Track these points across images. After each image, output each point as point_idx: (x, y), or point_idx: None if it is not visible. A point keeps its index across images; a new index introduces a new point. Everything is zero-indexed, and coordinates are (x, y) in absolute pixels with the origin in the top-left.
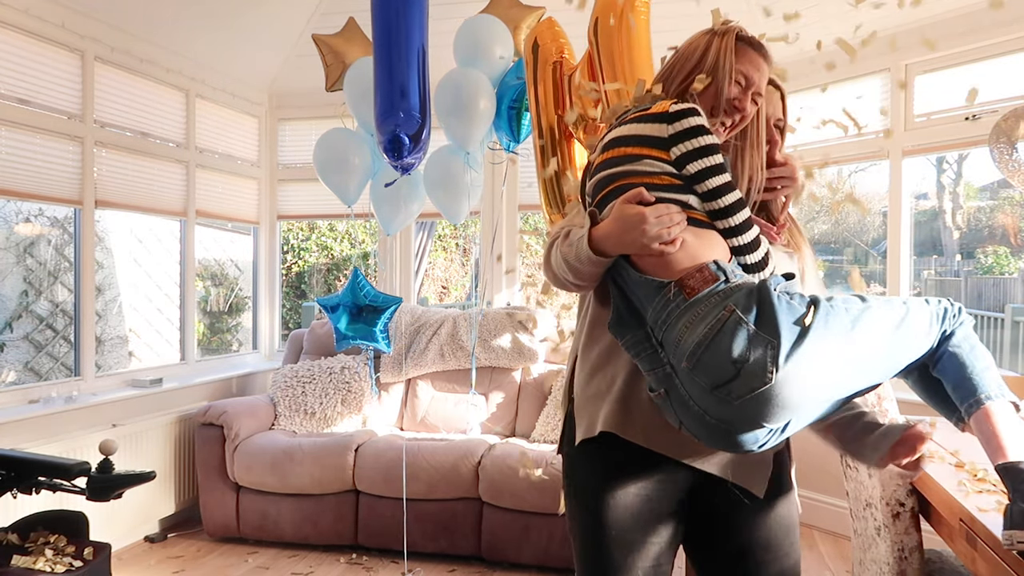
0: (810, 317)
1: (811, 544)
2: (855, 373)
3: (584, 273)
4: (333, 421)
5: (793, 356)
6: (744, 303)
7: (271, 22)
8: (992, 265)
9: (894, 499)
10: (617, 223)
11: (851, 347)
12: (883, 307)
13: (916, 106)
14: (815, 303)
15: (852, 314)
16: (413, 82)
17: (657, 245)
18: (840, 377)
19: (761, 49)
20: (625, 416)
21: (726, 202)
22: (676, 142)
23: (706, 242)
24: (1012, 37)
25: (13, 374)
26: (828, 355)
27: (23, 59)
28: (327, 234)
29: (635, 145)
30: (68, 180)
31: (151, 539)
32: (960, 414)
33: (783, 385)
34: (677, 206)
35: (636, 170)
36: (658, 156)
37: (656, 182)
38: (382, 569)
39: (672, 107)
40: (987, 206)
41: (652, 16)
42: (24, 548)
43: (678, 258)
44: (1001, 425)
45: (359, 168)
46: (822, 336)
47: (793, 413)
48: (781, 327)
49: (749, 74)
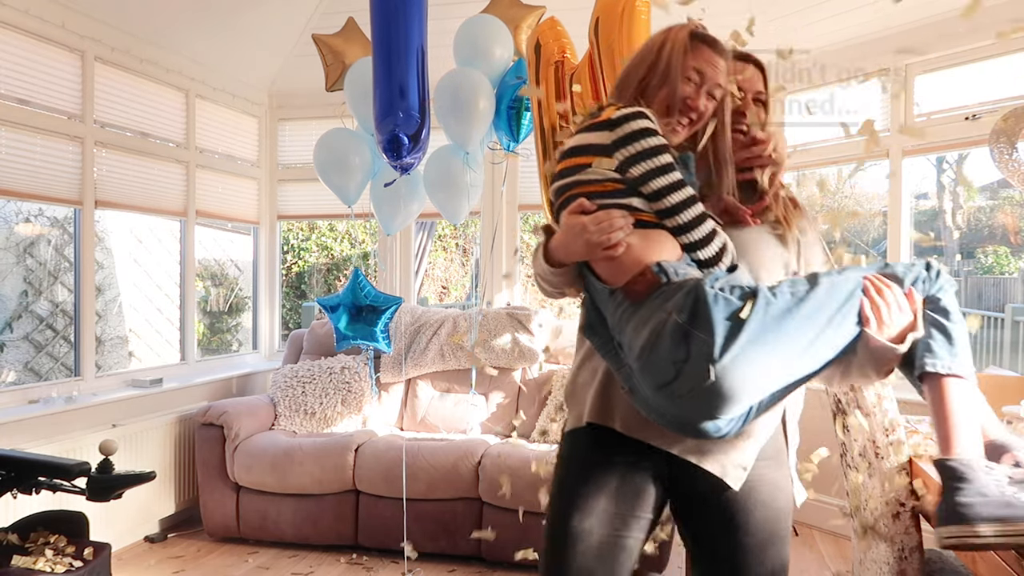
0: (746, 311)
1: (811, 544)
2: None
3: (554, 283)
4: (333, 421)
5: (729, 351)
6: (681, 303)
7: (271, 22)
8: (992, 265)
9: (894, 499)
10: (564, 234)
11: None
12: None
13: (916, 106)
14: (754, 295)
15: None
16: (412, 82)
17: (601, 251)
18: (783, 365)
19: (715, 45)
20: (604, 405)
21: (672, 201)
22: (618, 147)
23: (653, 243)
24: (1012, 37)
25: (13, 374)
26: (767, 346)
27: (23, 59)
28: (327, 234)
29: (582, 155)
30: (68, 180)
31: (151, 539)
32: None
33: (723, 379)
34: (621, 210)
35: (582, 179)
36: (591, 162)
37: (600, 189)
38: (382, 569)
39: (615, 113)
40: (987, 206)
41: (652, 16)
42: (24, 548)
43: (624, 262)
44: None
45: (359, 168)
46: (760, 328)
47: (740, 404)
48: (715, 324)
49: (703, 70)
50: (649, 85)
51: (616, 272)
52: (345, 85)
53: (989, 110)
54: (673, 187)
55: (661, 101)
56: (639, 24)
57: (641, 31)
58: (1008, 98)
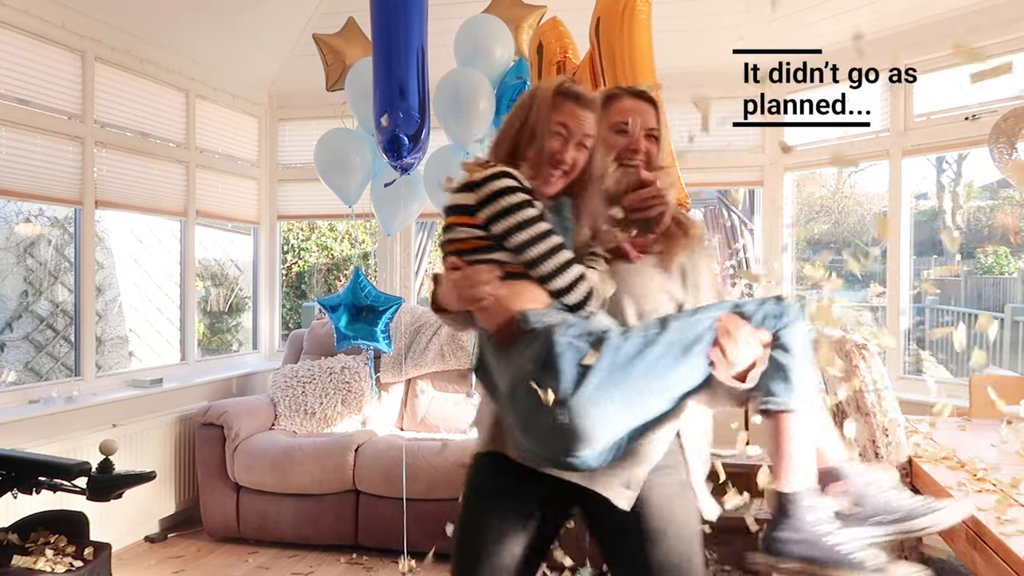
0: (591, 358)
1: None
2: (653, 397)
3: (450, 325)
4: (333, 421)
5: (576, 395)
6: (536, 352)
7: (271, 22)
8: (992, 265)
9: None
10: (442, 287)
11: (641, 378)
12: (679, 332)
13: (916, 106)
14: (601, 342)
15: (643, 344)
16: (412, 82)
17: (471, 304)
18: (636, 404)
19: (579, 99)
20: (499, 434)
21: (533, 253)
22: (482, 207)
23: (519, 293)
24: (1012, 37)
25: (13, 374)
26: (617, 389)
27: (23, 59)
28: (327, 234)
29: (453, 215)
30: (68, 180)
31: (151, 539)
32: (756, 411)
33: (574, 421)
34: (488, 266)
35: (452, 238)
36: (469, 223)
37: (467, 247)
38: (382, 569)
39: (479, 175)
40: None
41: (653, 16)
42: (24, 548)
43: (492, 312)
44: (787, 444)
45: (360, 168)
46: (608, 373)
47: (596, 442)
48: (562, 372)
49: (567, 124)
50: (520, 142)
51: (488, 320)
52: (346, 85)
53: (989, 110)
54: (534, 240)
55: (532, 156)
56: (639, 24)
57: (642, 31)
58: (1008, 98)
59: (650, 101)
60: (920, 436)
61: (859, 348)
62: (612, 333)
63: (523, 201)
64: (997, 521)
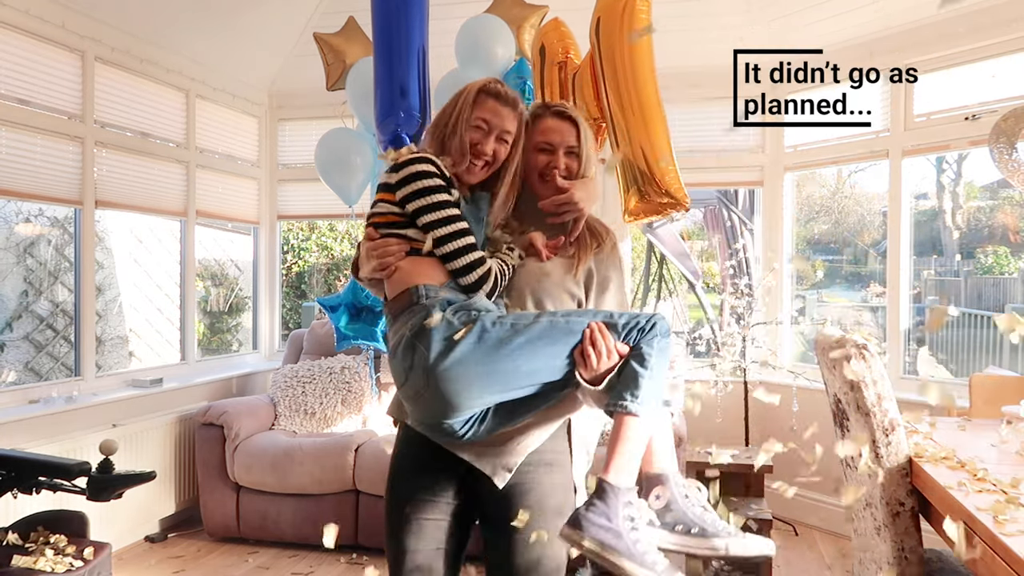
0: (461, 334)
1: (811, 544)
2: (513, 379)
3: (368, 289)
4: (333, 421)
5: (442, 364)
6: (415, 321)
7: (271, 22)
8: (992, 265)
9: (894, 499)
10: (362, 254)
11: (504, 360)
12: (549, 328)
13: (916, 106)
14: (474, 322)
15: (512, 332)
16: (413, 82)
17: (378, 272)
18: (497, 383)
19: (501, 97)
20: (400, 403)
21: (437, 233)
22: (400, 187)
23: (420, 268)
24: (1012, 37)
25: (13, 374)
26: (479, 365)
27: (23, 59)
28: (327, 234)
29: (379, 191)
30: (68, 180)
31: (151, 539)
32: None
33: (438, 386)
34: (397, 239)
35: (374, 212)
36: (389, 199)
37: (384, 220)
38: (382, 569)
39: (402, 158)
40: (987, 206)
41: (652, 16)
42: (24, 548)
43: (393, 281)
44: (621, 443)
45: (360, 168)
46: (470, 350)
47: (461, 410)
48: (433, 341)
49: (487, 119)
50: (445, 134)
51: (390, 289)
52: (347, 85)
53: (989, 110)
54: (442, 222)
55: (456, 148)
56: (639, 24)
57: None
58: (1008, 98)
59: (571, 120)
60: (920, 436)
61: (859, 348)
62: (486, 316)
63: (437, 186)
64: (997, 521)
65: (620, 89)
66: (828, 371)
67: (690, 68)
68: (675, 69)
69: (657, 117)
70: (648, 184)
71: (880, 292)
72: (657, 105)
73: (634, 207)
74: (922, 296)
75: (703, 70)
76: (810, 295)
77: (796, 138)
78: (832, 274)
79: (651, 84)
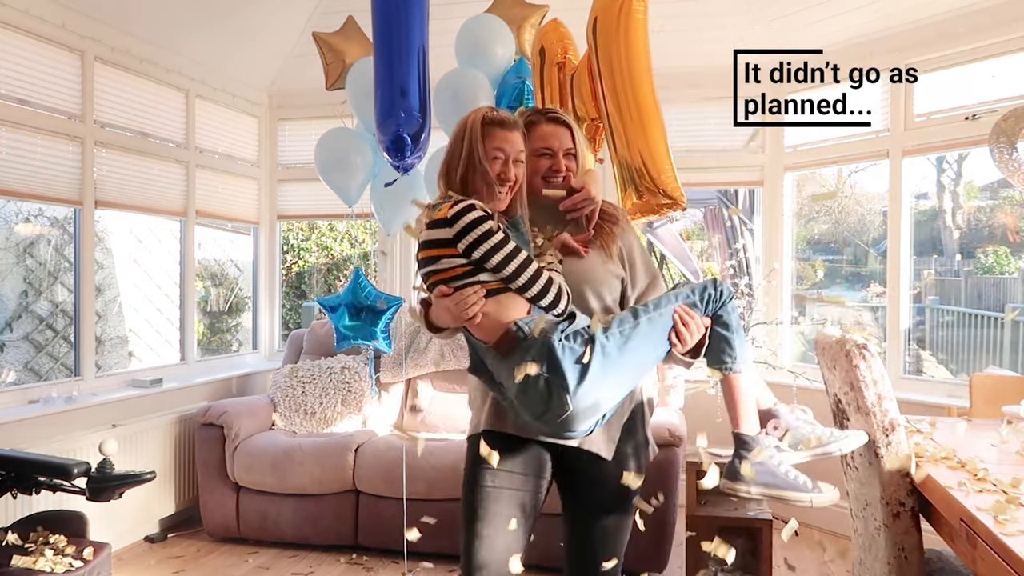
0: (587, 356)
1: (811, 544)
2: (632, 376)
3: (443, 339)
4: (333, 421)
5: (581, 387)
6: (538, 357)
7: (271, 22)
8: (992, 265)
9: (894, 499)
10: (436, 312)
11: (624, 365)
12: (648, 324)
13: (916, 106)
14: (591, 340)
15: (623, 339)
16: (413, 82)
17: (465, 323)
18: (621, 384)
19: (504, 123)
20: (498, 416)
21: (508, 270)
22: (459, 239)
23: (505, 306)
24: (1012, 37)
25: (13, 374)
26: (608, 377)
27: (23, 59)
28: (327, 234)
29: (433, 248)
30: (68, 180)
31: (151, 539)
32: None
33: (579, 406)
34: (473, 287)
35: (436, 269)
36: (450, 254)
37: (452, 275)
38: (382, 569)
39: (450, 211)
40: (987, 206)
41: (652, 16)
42: (24, 548)
43: (486, 325)
44: (740, 397)
45: (361, 168)
46: (600, 367)
47: (593, 419)
48: (566, 371)
49: (502, 147)
50: (467, 173)
51: (485, 334)
52: (347, 85)
53: (989, 110)
54: (508, 258)
55: (480, 181)
56: (636, 24)
57: (638, 30)
58: (1008, 98)
59: (564, 124)
60: (920, 436)
61: (859, 348)
62: (598, 333)
63: (490, 228)
64: (997, 521)
65: (617, 88)
66: (828, 371)
67: (690, 68)
68: (675, 69)
69: (654, 116)
70: (645, 184)
71: (880, 292)
72: (654, 104)
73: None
74: (922, 296)
75: (703, 70)
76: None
77: (796, 138)
78: (832, 274)
79: (648, 83)
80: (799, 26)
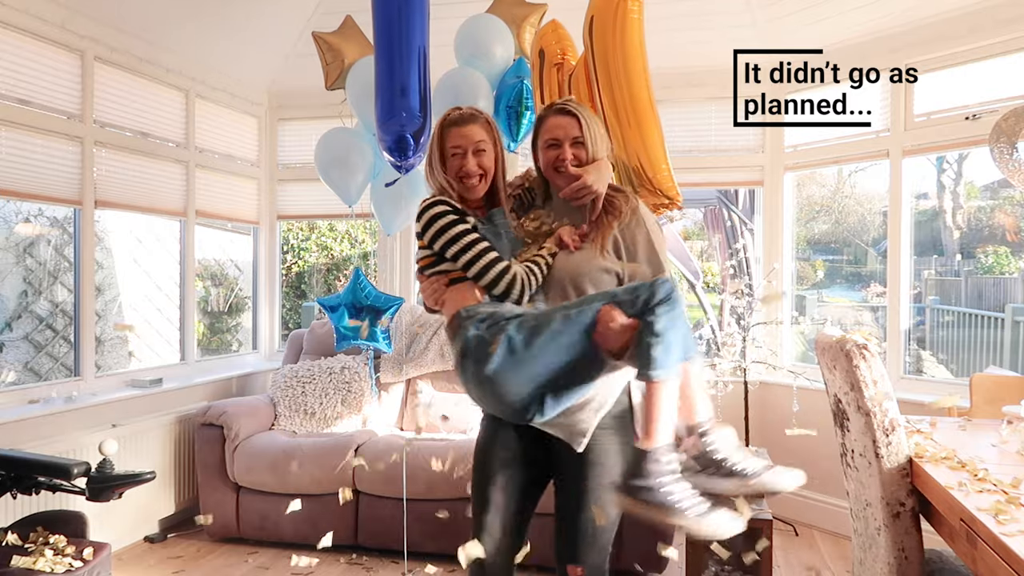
0: (495, 346)
1: (811, 544)
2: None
3: None
4: (333, 421)
5: (485, 374)
6: (458, 343)
7: (271, 22)
8: (992, 265)
9: (894, 499)
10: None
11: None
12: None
13: (916, 106)
14: (502, 332)
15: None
16: (414, 82)
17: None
18: (529, 378)
19: (457, 122)
20: None
21: (463, 260)
22: (424, 231)
23: (459, 294)
24: (1012, 37)
25: (13, 374)
26: (511, 368)
27: (23, 59)
28: (327, 234)
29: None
30: (68, 180)
31: (151, 539)
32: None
33: (491, 390)
34: (440, 275)
35: (417, 259)
36: (421, 245)
37: (424, 264)
38: (382, 569)
39: (420, 207)
40: (987, 206)
41: (652, 16)
42: (24, 548)
43: (446, 312)
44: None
45: (360, 168)
46: (505, 358)
47: (519, 403)
48: (474, 357)
49: (459, 144)
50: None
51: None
52: (346, 84)
53: (989, 110)
54: (464, 249)
55: (448, 179)
56: (631, 23)
57: (633, 30)
58: (1008, 98)
59: (571, 114)
60: (920, 436)
61: (859, 348)
62: (511, 325)
63: (451, 220)
64: (998, 521)
65: (613, 87)
66: (828, 371)
67: (690, 68)
68: (675, 69)
69: (650, 115)
70: (642, 183)
71: (880, 292)
72: (650, 103)
73: None
74: (922, 296)
75: (703, 70)
76: (810, 295)
77: (796, 138)
78: (832, 273)
79: (643, 82)
80: (799, 26)
